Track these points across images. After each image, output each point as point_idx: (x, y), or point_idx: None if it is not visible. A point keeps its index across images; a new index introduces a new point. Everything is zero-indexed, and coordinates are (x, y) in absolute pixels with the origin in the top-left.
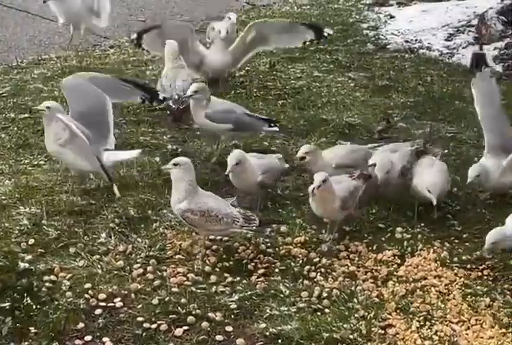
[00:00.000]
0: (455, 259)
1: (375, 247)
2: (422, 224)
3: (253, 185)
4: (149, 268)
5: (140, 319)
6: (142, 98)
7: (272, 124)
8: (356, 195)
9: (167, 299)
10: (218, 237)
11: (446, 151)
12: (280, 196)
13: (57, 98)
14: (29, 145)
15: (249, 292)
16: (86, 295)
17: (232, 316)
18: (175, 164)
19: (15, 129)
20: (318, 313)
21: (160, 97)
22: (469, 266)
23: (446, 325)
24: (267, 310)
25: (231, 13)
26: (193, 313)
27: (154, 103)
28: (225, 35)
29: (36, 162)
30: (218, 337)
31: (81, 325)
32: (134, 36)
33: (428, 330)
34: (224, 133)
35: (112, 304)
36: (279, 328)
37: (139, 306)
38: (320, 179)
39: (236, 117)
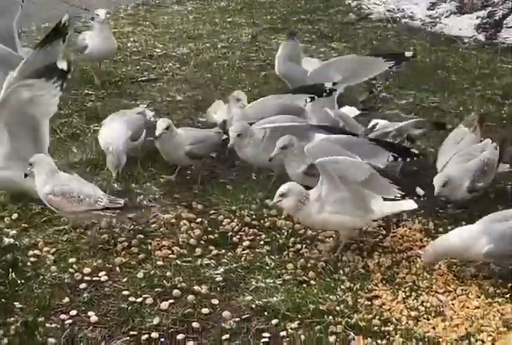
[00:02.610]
0: (440, 229)
1: None
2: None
3: (181, 155)
4: (133, 241)
5: (125, 293)
6: None
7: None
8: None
9: (152, 272)
10: (204, 209)
11: None
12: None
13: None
14: None
15: (235, 265)
16: (71, 270)
17: (218, 289)
18: (30, 164)
19: None
20: (304, 285)
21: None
22: None
23: (432, 296)
24: (253, 283)
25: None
26: (179, 286)
27: None
28: None
29: None
30: (204, 310)
31: (66, 299)
32: None
33: (415, 301)
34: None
35: (97, 278)
36: (265, 300)
37: (124, 280)
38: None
39: None
